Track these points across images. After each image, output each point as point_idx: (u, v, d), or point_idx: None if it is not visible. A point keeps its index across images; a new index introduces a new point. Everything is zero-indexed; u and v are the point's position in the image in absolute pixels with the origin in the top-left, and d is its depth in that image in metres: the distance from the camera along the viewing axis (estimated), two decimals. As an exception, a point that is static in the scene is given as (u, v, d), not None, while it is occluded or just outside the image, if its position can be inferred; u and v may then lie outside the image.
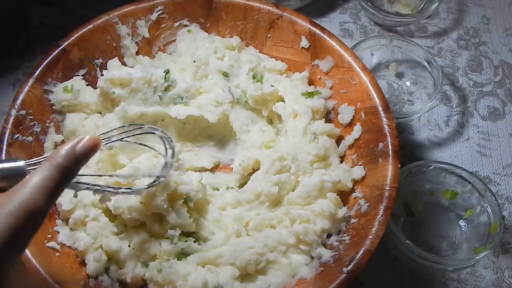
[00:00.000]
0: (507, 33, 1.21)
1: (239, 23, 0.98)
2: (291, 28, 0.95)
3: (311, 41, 0.94)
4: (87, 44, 0.93)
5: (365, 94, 0.87)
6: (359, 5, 1.22)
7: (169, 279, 0.76)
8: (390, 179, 0.79)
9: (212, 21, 0.99)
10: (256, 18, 0.97)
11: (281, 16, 0.95)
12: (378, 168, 0.82)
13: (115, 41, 0.96)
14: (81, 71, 0.94)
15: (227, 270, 0.78)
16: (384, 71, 1.14)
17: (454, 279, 0.90)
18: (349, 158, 0.89)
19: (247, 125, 0.93)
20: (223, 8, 0.98)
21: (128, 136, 0.73)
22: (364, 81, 0.88)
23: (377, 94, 0.86)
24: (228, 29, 0.99)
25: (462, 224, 0.92)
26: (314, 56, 0.95)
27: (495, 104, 1.11)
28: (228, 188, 0.90)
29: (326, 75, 0.94)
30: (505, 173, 1.02)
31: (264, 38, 0.99)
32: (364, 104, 0.88)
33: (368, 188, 0.82)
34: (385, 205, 0.77)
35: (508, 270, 0.91)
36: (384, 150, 0.82)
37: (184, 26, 1.00)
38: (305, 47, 0.95)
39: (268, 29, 0.97)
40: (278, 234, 0.81)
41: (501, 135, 1.07)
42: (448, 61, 1.16)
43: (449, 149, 1.05)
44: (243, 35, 0.99)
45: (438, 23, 1.22)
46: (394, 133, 0.83)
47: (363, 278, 0.90)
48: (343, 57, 0.91)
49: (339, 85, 0.92)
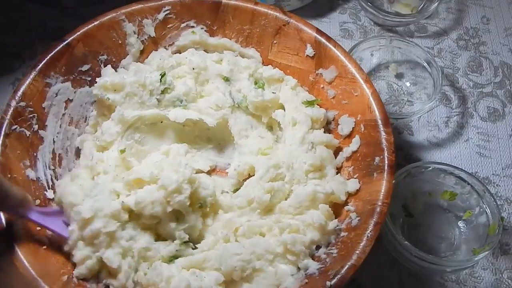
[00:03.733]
0: (507, 33, 1.20)
1: (246, 27, 0.98)
2: (297, 36, 0.94)
3: (316, 50, 0.93)
4: (92, 40, 0.94)
5: (366, 107, 0.86)
6: (359, 5, 1.22)
7: (153, 281, 0.75)
8: (383, 195, 0.78)
9: (219, 23, 0.99)
10: (263, 23, 0.96)
11: (288, 22, 0.94)
12: (372, 182, 0.81)
13: (120, 39, 0.96)
14: (85, 66, 0.94)
15: (212, 275, 0.77)
16: (384, 71, 1.14)
17: (453, 280, 0.90)
18: (345, 170, 0.88)
19: (246, 130, 0.93)
20: (230, 12, 0.97)
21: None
22: (366, 93, 0.87)
23: (378, 107, 0.85)
24: (234, 33, 0.99)
25: (461, 225, 0.92)
26: (319, 65, 0.94)
27: (495, 105, 1.11)
28: (222, 192, 0.90)
29: (329, 84, 0.93)
30: (504, 174, 1.02)
31: (270, 44, 0.98)
32: (364, 117, 0.87)
33: (361, 202, 0.82)
34: (375, 220, 0.76)
35: (507, 271, 0.91)
36: (380, 165, 0.81)
37: (191, 27, 0.99)
38: (310, 56, 0.94)
39: (275, 35, 0.96)
40: (266, 242, 0.80)
41: (500, 136, 1.07)
42: (448, 61, 1.16)
43: (449, 150, 1.05)
44: (249, 40, 0.99)
45: (438, 23, 1.22)
46: (391, 148, 0.82)
47: (361, 279, 0.90)
48: (346, 68, 0.90)
49: (341, 95, 0.91)
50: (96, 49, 0.94)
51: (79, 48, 0.92)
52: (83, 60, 0.93)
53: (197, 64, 0.94)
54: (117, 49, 0.97)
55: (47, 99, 0.90)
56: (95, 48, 0.94)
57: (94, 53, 0.94)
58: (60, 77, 0.91)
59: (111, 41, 0.96)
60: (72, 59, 0.92)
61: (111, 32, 0.95)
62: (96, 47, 0.94)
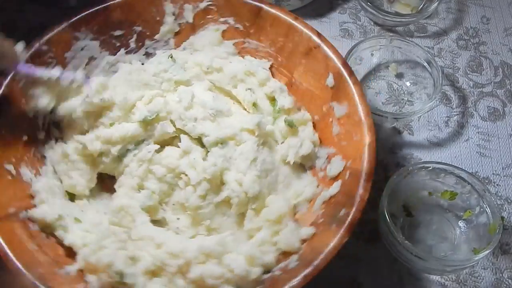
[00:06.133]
0: (507, 33, 1.21)
1: (281, 39, 0.95)
2: (324, 62, 0.90)
3: (336, 81, 0.89)
4: (131, 10, 0.95)
5: (358, 155, 0.81)
6: (359, 5, 1.22)
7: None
8: (328, 252, 0.72)
9: (256, 28, 0.97)
10: (296, 40, 0.93)
11: (318, 46, 0.91)
12: (326, 233, 0.76)
13: (159, 16, 0.98)
14: (118, 32, 0.96)
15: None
16: (384, 71, 1.14)
17: (453, 279, 0.90)
18: (315, 212, 0.84)
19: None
20: (269, 19, 0.95)
21: None
22: (364, 141, 0.81)
23: (368, 159, 0.79)
24: (269, 42, 0.97)
25: (461, 224, 0.92)
26: (335, 98, 0.89)
27: (495, 105, 1.11)
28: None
29: (337, 120, 0.88)
30: (504, 174, 1.02)
31: (298, 62, 0.95)
32: (354, 165, 0.82)
33: (310, 248, 0.77)
34: (306, 273, 0.71)
35: (507, 271, 0.91)
36: (342, 219, 0.75)
37: (229, 24, 0.99)
38: (330, 86, 0.90)
39: (304, 55, 0.93)
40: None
41: (501, 136, 1.07)
42: (448, 61, 1.16)
43: (449, 149, 1.05)
44: (280, 52, 0.97)
45: (438, 23, 1.22)
46: (362, 205, 0.76)
47: (361, 278, 0.90)
48: (356, 109, 0.84)
49: (343, 135, 0.87)
50: (133, 19, 0.97)
51: (117, 13, 0.94)
52: (118, 26, 0.96)
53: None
54: (153, 24, 0.98)
55: (71, 50, 0.92)
56: (132, 18, 0.96)
57: (130, 22, 0.96)
58: (90, 35, 0.93)
59: (150, 15, 0.97)
60: (107, 22, 0.94)
61: (151, 7, 0.97)
62: (133, 17, 0.96)
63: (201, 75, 0.96)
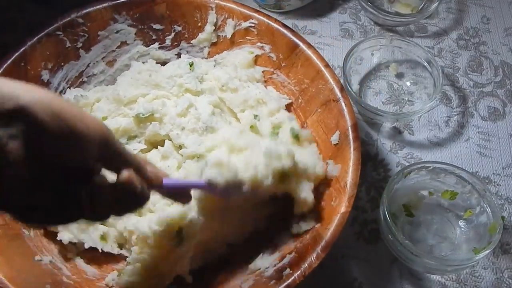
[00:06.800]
0: (507, 33, 1.21)
1: (307, 81, 0.93)
2: (337, 117, 0.87)
3: (340, 141, 0.86)
4: (176, 8, 0.96)
5: (327, 222, 0.79)
6: (359, 5, 1.22)
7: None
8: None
9: (288, 62, 0.96)
10: (320, 87, 0.91)
11: (338, 100, 0.87)
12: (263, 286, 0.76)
13: (201, 22, 0.98)
14: (157, 25, 0.97)
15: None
16: (384, 71, 1.14)
17: (453, 279, 0.90)
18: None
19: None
20: (302, 58, 0.93)
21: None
22: (339, 210, 0.78)
23: (334, 230, 0.76)
24: (295, 80, 0.96)
25: (461, 224, 0.92)
26: (333, 156, 0.86)
27: (495, 105, 1.11)
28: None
29: (326, 180, 0.86)
30: (505, 173, 1.02)
31: (314, 110, 0.93)
32: (319, 229, 0.79)
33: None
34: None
35: (507, 271, 0.91)
36: (284, 278, 0.74)
37: (264, 50, 0.98)
38: (333, 143, 0.87)
39: (322, 104, 0.91)
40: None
41: (501, 136, 1.07)
42: (448, 61, 1.16)
43: (449, 149, 1.05)
44: (303, 94, 0.95)
45: (438, 23, 1.22)
46: (308, 271, 0.74)
47: (362, 278, 0.90)
48: (346, 176, 0.81)
49: (325, 196, 0.84)
50: (175, 18, 0.97)
51: (161, 8, 0.95)
52: (159, 19, 0.97)
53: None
54: (194, 29, 0.99)
55: (106, 30, 0.93)
56: (175, 17, 0.97)
57: (172, 20, 0.97)
58: (129, 20, 0.94)
59: (193, 19, 0.98)
60: (149, 13, 0.95)
61: (196, 12, 0.97)
62: (176, 16, 0.97)
63: (215, 89, 0.94)
